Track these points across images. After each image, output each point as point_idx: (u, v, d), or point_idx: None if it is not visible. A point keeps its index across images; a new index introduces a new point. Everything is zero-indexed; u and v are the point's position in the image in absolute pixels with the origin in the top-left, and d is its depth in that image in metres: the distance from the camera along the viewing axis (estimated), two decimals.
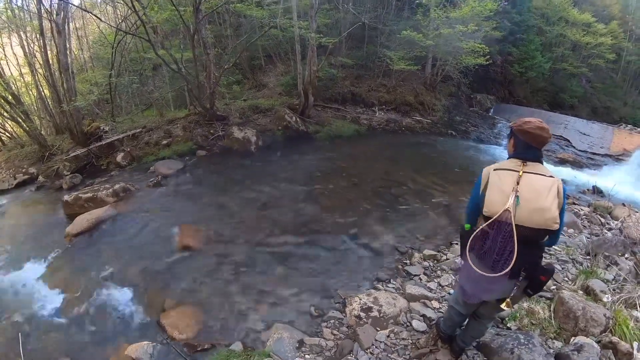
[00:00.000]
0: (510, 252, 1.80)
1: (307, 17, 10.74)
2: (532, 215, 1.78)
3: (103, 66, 13.05)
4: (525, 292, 1.98)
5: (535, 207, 1.77)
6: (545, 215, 1.76)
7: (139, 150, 9.06)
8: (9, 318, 3.92)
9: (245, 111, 10.87)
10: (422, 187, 7.10)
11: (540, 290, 1.99)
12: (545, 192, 1.78)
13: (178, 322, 3.55)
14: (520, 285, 1.95)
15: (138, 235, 5.38)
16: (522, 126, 1.94)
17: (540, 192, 1.78)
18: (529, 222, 1.78)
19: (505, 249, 1.82)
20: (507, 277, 1.87)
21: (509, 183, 1.85)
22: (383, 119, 12.81)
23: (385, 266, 4.39)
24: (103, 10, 15.50)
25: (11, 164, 9.92)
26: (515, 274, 1.88)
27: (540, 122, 1.92)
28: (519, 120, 1.99)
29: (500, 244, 1.84)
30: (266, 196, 6.61)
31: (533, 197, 1.78)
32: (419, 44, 12.23)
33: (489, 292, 2.05)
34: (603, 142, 12.90)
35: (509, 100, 17.03)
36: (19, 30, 11.70)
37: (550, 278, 1.98)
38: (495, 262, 1.86)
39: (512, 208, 1.79)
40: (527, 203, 1.78)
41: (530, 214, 1.78)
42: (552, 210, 1.76)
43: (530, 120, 1.94)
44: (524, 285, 1.95)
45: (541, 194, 1.78)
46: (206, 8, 9.33)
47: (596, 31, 17.75)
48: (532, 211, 1.77)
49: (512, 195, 1.80)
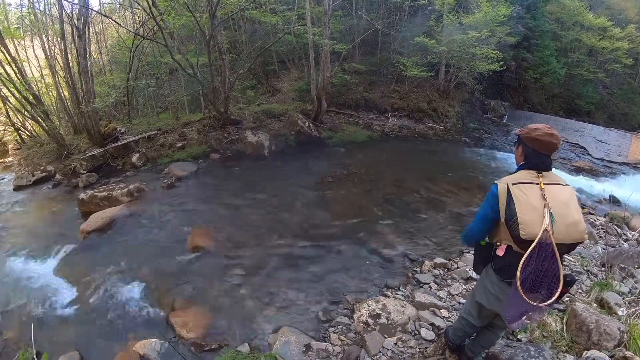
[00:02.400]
0: (554, 274, 1.67)
1: (321, 23, 10.85)
2: (568, 230, 1.68)
3: (121, 69, 13.41)
4: None
5: (570, 222, 1.68)
6: (579, 227, 1.69)
7: (153, 152, 9.25)
8: (23, 308, 4.05)
9: (259, 116, 10.99)
10: (434, 194, 7.04)
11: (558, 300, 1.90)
12: (572, 203, 1.72)
13: (187, 321, 3.60)
14: None
15: (150, 235, 5.48)
16: (530, 133, 1.84)
17: (568, 203, 1.71)
18: (567, 238, 1.69)
19: (547, 271, 1.67)
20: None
21: (537, 198, 1.71)
22: (396, 125, 12.77)
23: (394, 273, 4.36)
24: (122, 15, 15.96)
25: (30, 161, 10.25)
26: None
27: (549, 128, 1.83)
28: (527, 128, 1.90)
29: (541, 266, 1.67)
30: (278, 200, 6.65)
31: (564, 211, 1.69)
32: (432, 50, 12.19)
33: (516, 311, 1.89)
34: (620, 149, 12.58)
35: (523, 106, 16.73)
36: (41, 33, 12.18)
37: (570, 289, 1.91)
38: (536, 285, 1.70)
39: (550, 226, 1.65)
40: (561, 219, 1.67)
41: (567, 230, 1.68)
42: (583, 221, 1.71)
43: (538, 127, 1.85)
44: None
45: (569, 206, 1.70)
46: (222, 14, 9.52)
47: (612, 35, 17.33)
48: (567, 226, 1.68)
49: (546, 212, 1.67)
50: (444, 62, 13.57)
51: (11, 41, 11.29)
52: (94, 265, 4.73)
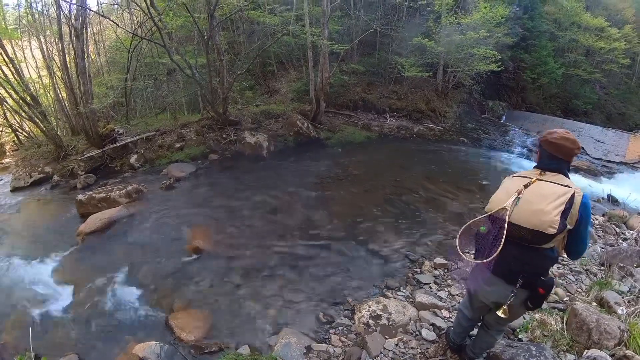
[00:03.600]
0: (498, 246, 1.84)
1: (319, 24, 10.85)
2: (528, 215, 1.81)
3: (119, 70, 13.36)
4: (525, 305, 1.96)
5: (534, 209, 1.79)
6: (542, 217, 1.76)
7: (152, 153, 9.23)
8: (21, 311, 4.01)
9: (258, 116, 10.97)
10: (433, 194, 7.04)
11: (540, 304, 1.98)
12: (551, 197, 1.78)
13: (186, 324, 3.58)
14: (517, 294, 1.93)
15: (149, 236, 5.46)
16: (546, 137, 1.96)
17: (546, 196, 1.79)
18: (524, 222, 1.81)
19: (496, 244, 1.85)
20: (501, 280, 1.94)
21: (516, 186, 1.92)
22: (394, 125, 12.78)
23: (395, 274, 4.35)
24: (120, 16, 15.90)
25: (27, 162, 10.19)
26: (512, 280, 1.91)
27: (566, 133, 1.93)
28: (546, 132, 2.01)
29: (493, 239, 1.88)
30: (277, 201, 6.64)
31: (535, 200, 1.81)
32: (431, 50, 12.23)
33: (485, 291, 2.09)
34: (618, 149, 12.65)
35: (521, 107, 16.78)
36: (39, 34, 12.12)
37: (550, 292, 1.95)
38: (487, 256, 1.89)
39: (510, 207, 1.86)
40: (526, 204, 1.83)
41: (526, 214, 1.81)
42: (552, 213, 1.74)
43: (555, 131, 1.96)
44: (524, 297, 1.93)
45: (545, 198, 1.79)
46: (220, 15, 9.50)
47: (609, 36, 17.39)
48: (528, 212, 1.81)
49: (514, 195, 1.87)
50: (442, 63, 13.59)
51: (8, 42, 11.21)
52: (92, 267, 4.70)
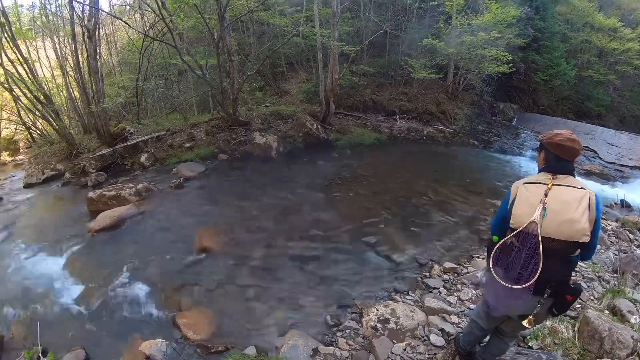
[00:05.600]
0: (535, 265, 1.73)
1: (329, 25, 10.83)
2: (560, 227, 1.73)
3: (130, 70, 13.55)
4: (549, 312, 1.91)
5: (564, 219, 1.72)
6: (575, 226, 1.71)
7: (162, 152, 9.31)
8: (30, 305, 4.07)
9: (267, 117, 10.99)
10: (443, 197, 6.96)
11: (566, 310, 1.94)
12: (575, 203, 1.73)
13: (193, 323, 3.59)
14: (544, 303, 1.88)
15: (158, 235, 5.50)
16: (552, 139, 1.90)
17: (570, 203, 1.74)
18: (558, 234, 1.73)
19: (531, 262, 1.75)
20: (531, 293, 1.80)
21: (537, 195, 1.81)
22: (404, 127, 12.69)
23: (403, 277, 4.31)
24: (132, 17, 16.10)
25: (40, 159, 10.41)
26: (540, 290, 1.82)
27: (571, 134, 1.89)
28: (549, 133, 1.96)
29: (526, 257, 1.76)
30: (286, 202, 6.64)
31: (561, 208, 1.74)
32: (441, 52, 12.10)
33: (511, 306, 1.96)
34: (632, 153, 12.33)
35: (532, 109, 16.51)
36: (53, 34, 12.42)
37: (577, 298, 1.89)
38: (520, 275, 1.79)
39: (539, 220, 1.75)
40: (554, 215, 1.74)
41: (558, 226, 1.73)
42: (582, 221, 1.70)
43: (560, 132, 1.91)
44: (549, 304, 1.88)
45: (570, 205, 1.73)
46: (230, 16, 9.55)
47: (623, 36, 17.00)
48: (560, 223, 1.73)
49: (540, 207, 1.77)
50: (453, 64, 13.45)
51: (23, 42, 11.47)
52: (102, 264, 4.76)
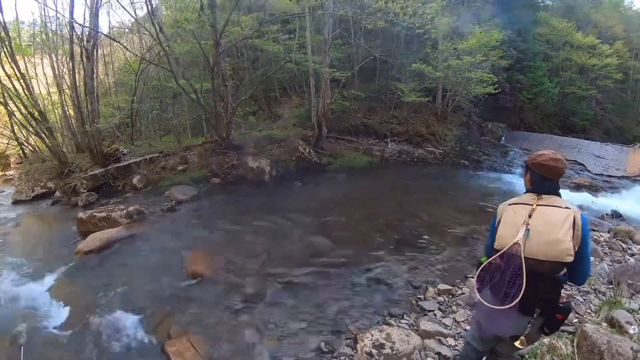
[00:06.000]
0: (519, 286, 1.74)
1: (321, 52, 11.17)
2: (543, 247, 1.75)
3: (126, 92, 13.70)
4: (541, 331, 1.91)
5: (548, 240, 1.74)
6: (559, 246, 1.73)
7: (155, 174, 9.27)
8: (14, 329, 3.89)
9: (260, 141, 11.11)
10: (436, 219, 6.99)
11: (557, 329, 1.94)
12: (559, 224, 1.76)
13: (183, 351, 3.45)
14: (534, 323, 1.89)
15: (148, 259, 5.39)
16: (535, 159, 1.94)
17: (554, 223, 1.76)
18: (541, 255, 1.75)
19: (515, 283, 1.76)
20: (520, 313, 1.81)
21: (521, 217, 1.84)
22: (395, 150, 12.88)
23: (398, 301, 4.25)
24: (130, 39, 16.43)
25: (31, 176, 10.29)
26: (529, 310, 1.84)
27: (553, 154, 1.93)
28: (533, 155, 2.00)
29: (510, 277, 1.78)
30: (278, 226, 6.59)
31: (545, 229, 1.76)
32: (429, 75, 12.55)
33: (501, 327, 1.95)
34: (619, 163, 12.65)
35: (520, 127, 16.99)
36: (51, 52, 12.56)
37: (567, 316, 1.90)
38: (505, 296, 1.79)
39: (522, 241, 1.77)
40: (538, 235, 1.76)
41: (541, 247, 1.75)
42: (566, 241, 1.72)
43: (543, 153, 1.94)
44: (540, 323, 1.89)
45: (554, 226, 1.76)
46: (225, 42, 9.81)
47: (602, 52, 17.84)
48: (543, 244, 1.75)
49: (523, 228, 1.80)
50: (441, 87, 13.91)
51: (22, 58, 11.55)
52: (89, 288, 4.61)
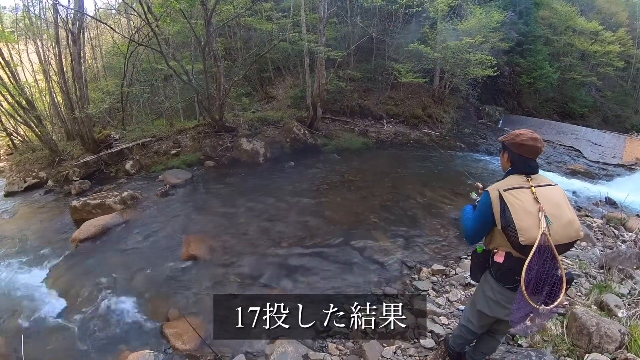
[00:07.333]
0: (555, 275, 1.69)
1: (316, 30, 10.91)
2: (564, 231, 1.72)
3: (115, 75, 13.34)
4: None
5: (565, 222, 1.72)
6: (575, 226, 1.73)
7: (147, 159, 9.17)
8: (13, 319, 3.92)
9: (254, 123, 10.96)
10: (430, 200, 7.02)
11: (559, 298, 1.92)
12: (563, 203, 1.76)
13: (181, 332, 3.50)
14: None
15: (144, 243, 5.39)
16: (514, 139, 1.88)
17: (560, 204, 1.75)
18: (565, 239, 1.73)
19: (549, 273, 1.69)
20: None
21: (530, 203, 1.74)
22: (391, 131, 12.81)
23: (392, 281, 4.31)
24: (117, 21, 15.91)
25: (22, 167, 10.13)
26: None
27: (532, 133, 1.88)
28: (511, 134, 1.94)
29: (542, 269, 1.69)
30: (273, 208, 6.60)
31: (556, 212, 1.72)
32: (427, 56, 12.31)
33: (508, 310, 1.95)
34: (615, 151, 12.73)
35: (518, 111, 16.95)
36: (36, 37, 12.14)
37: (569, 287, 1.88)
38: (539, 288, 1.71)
39: (547, 230, 1.67)
40: (556, 220, 1.70)
41: (563, 230, 1.72)
42: (576, 219, 1.74)
43: (522, 132, 1.89)
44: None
45: (562, 207, 1.74)
46: (217, 21, 9.53)
47: (604, 39, 17.68)
48: (562, 227, 1.71)
49: (542, 215, 1.69)
50: (439, 69, 13.71)
51: (5, 45, 11.18)
52: (86, 275, 4.63)
